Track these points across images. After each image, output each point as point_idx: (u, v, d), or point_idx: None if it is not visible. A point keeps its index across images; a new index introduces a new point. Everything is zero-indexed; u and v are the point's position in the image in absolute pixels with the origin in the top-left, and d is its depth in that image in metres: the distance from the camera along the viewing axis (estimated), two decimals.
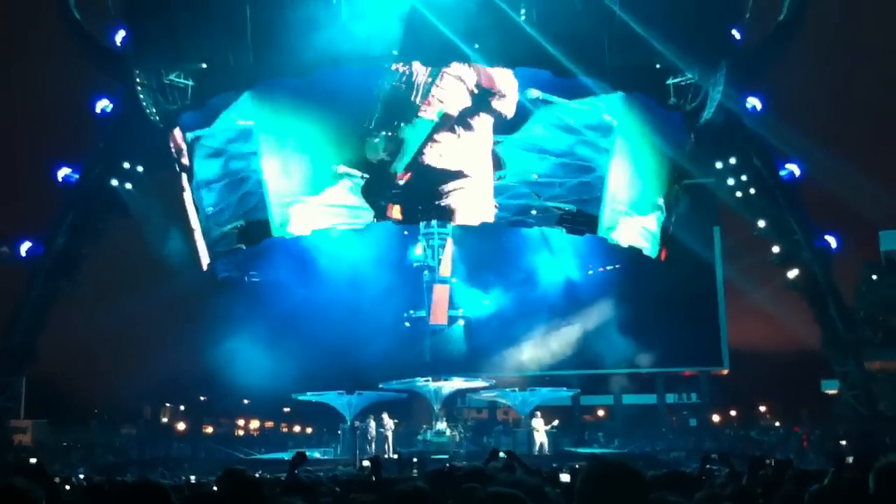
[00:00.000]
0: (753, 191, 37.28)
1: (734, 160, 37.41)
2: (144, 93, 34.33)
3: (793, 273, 37.21)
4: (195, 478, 24.71)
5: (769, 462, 11.48)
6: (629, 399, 51.73)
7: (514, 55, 32.36)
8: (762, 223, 37.35)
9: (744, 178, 37.40)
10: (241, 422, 59.47)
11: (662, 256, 36.82)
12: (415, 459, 19.68)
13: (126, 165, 36.97)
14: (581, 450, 40.29)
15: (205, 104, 34.10)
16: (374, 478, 10.02)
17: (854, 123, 64.86)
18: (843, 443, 34.54)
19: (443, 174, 33.79)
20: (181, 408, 58.46)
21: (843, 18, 58.48)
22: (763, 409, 56.45)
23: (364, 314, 42.05)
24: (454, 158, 33.78)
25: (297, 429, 55.63)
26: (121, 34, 36.00)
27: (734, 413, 53.91)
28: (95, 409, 54.79)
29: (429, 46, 31.92)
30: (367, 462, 11.70)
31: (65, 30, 37.53)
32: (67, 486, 13.53)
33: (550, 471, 12.86)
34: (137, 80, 34.24)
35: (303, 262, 41.92)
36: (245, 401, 54.46)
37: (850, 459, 13.84)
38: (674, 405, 52.19)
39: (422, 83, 33.30)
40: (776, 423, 48.67)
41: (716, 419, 51.59)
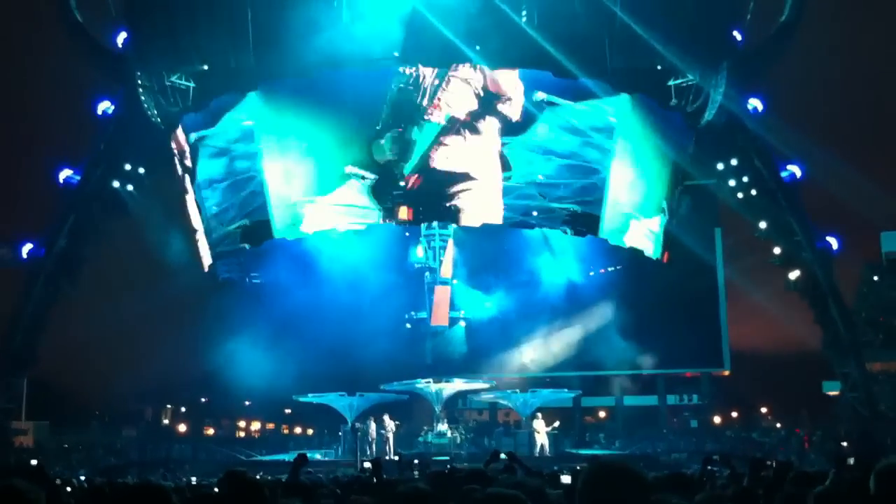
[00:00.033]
0: (754, 192, 37.30)
1: (735, 161, 37.43)
2: (146, 94, 34.33)
3: (794, 274, 37.22)
4: (196, 479, 24.73)
5: (770, 463, 11.46)
6: (630, 400, 51.69)
7: (516, 57, 32.38)
8: (763, 224, 37.36)
9: (745, 180, 37.43)
10: (242, 423, 59.49)
11: (665, 258, 36.84)
12: (415, 461, 19.65)
13: (127, 167, 37.02)
14: (582, 451, 40.30)
15: (206, 106, 34.14)
16: (375, 479, 10.02)
17: (855, 124, 64.80)
18: (844, 444, 34.51)
19: (450, 176, 33.91)
20: (182, 409, 58.45)
21: (844, 19, 58.43)
22: (764, 411, 56.42)
23: (365, 315, 42.08)
24: (461, 161, 33.88)
25: (298, 430, 55.63)
26: (122, 36, 36.01)
27: (735, 414, 53.85)
28: (96, 411, 54.89)
29: (430, 48, 31.95)
30: (368, 464, 11.71)
31: (66, 31, 37.50)
32: (68, 488, 13.53)
33: (551, 472, 12.84)
34: (139, 82, 34.24)
35: (304, 264, 41.93)
36: (246, 402, 54.49)
37: (851, 461, 13.84)
38: (675, 406, 52.12)
39: (429, 86, 33.36)
40: (777, 425, 48.60)
41: (717, 420, 51.57)
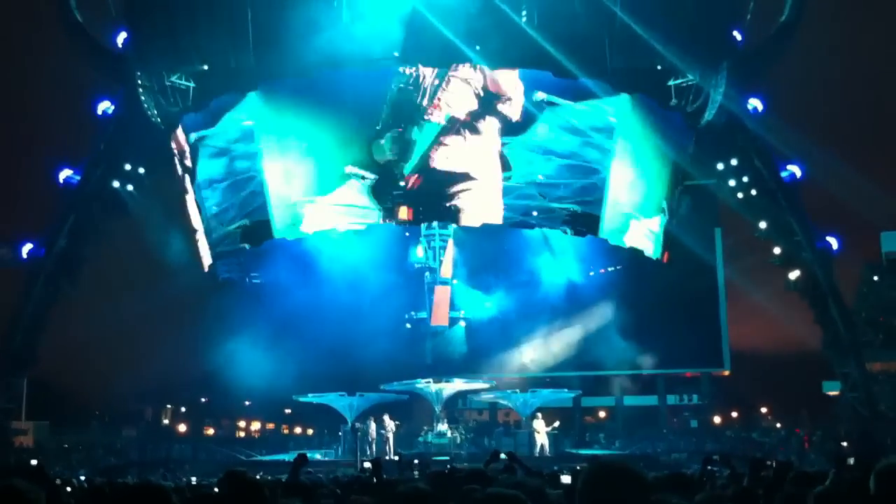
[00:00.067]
0: (754, 192, 37.30)
1: (735, 161, 37.43)
2: (146, 94, 34.33)
3: (794, 274, 37.22)
4: (196, 479, 24.73)
5: (770, 463, 11.46)
6: (630, 400, 51.68)
7: (515, 57, 32.37)
8: (763, 224, 37.36)
9: (745, 180, 37.43)
10: (242, 423, 59.49)
11: (665, 258, 36.85)
12: (415, 461, 19.65)
13: (127, 167, 37.02)
14: (582, 451, 40.30)
15: (206, 106, 34.14)
16: (375, 479, 10.02)
17: (855, 124, 64.80)
18: (844, 444, 34.51)
19: (450, 176, 33.91)
20: (182, 409, 58.44)
21: (844, 19, 58.43)
22: (764, 411, 56.40)
23: (365, 315, 42.07)
24: (461, 161, 33.88)
25: (298, 430, 55.62)
26: (122, 36, 36.01)
27: (735, 414, 53.83)
28: (96, 411, 54.86)
29: (430, 48, 31.94)
30: (368, 464, 11.71)
31: (66, 31, 37.49)
32: (68, 488, 13.52)
33: (551, 472, 12.84)
34: (139, 82, 34.24)
35: (304, 264, 41.92)
36: (246, 402, 54.49)
37: (851, 461, 13.84)
38: (675, 406, 52.11)
39: (429, 86, 33.36)
40: (777, 425, 48.58)
41: (717, 420, 51.56)
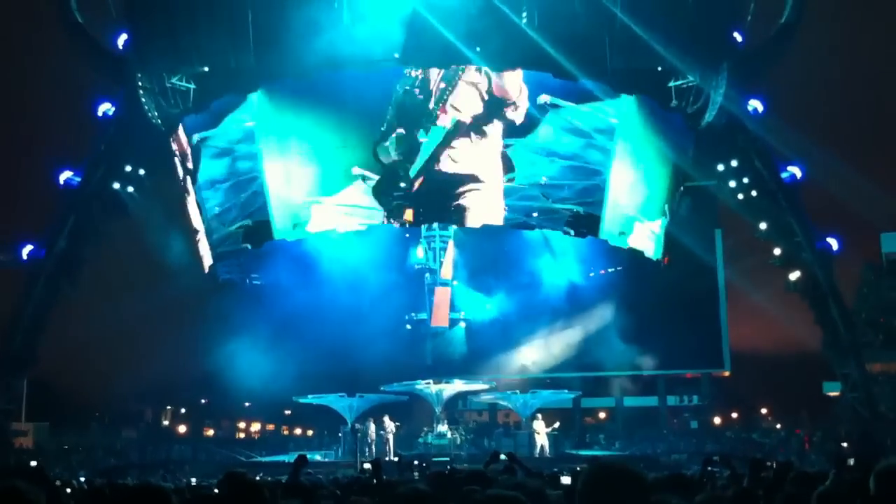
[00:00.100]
0: (755, 193, 37.29)
1: (735, 162, 37.41)
2: (146, 96, 34.33)
3: (794, 275, 37.21)
4: (196, 480, 24.72)
5: (770, 464, 11.46)
6: (630, 401, 51.66)
7: (516, 58, 32.36)
8: (763, 225, 37.36)
9: (745, 181, 37.41)
10: (242, 424, 59.45)
11: (665, 261, 36.89)
12: (415, 462, 19.66)
13: (128, 168, 37.01)
14: (582, 452, 40.28)
15: (206, 107, 34.17)
16: (375, 480, 10.01)
17: (855, 125, 64.78)
18: (845, 445, 34.50)
19: (456, 178, 33.95)
20: (182, 410, 58.43)
21: (844, 19, 58.42)
22: (764, 411, 56.34)
23: (365, 316, 42.06)
24: (467, 163, 33.93)
25: (298, 431, 55.60)
26: (122, 37, 36.00)
27: (735, 415, 53.79)
28: (96, 412, 54.75)
29: (430, 49, 31.93)
30: (368, 465, 11.71)
31: (66, 33, 37.50)
32: (68, 490, 13.53)
33: (551, 473, 12.84)
34: (139, 84, 34.25)
35: (304, 265, 41.92)
36: (246, 403, 54.46)
37: (852, 461, 13.84)
38: (675, 407, 52.09)
39: (436, 89, 33.37)
40: (777, 426, 48.52)
41: (717, 421, 51.52)
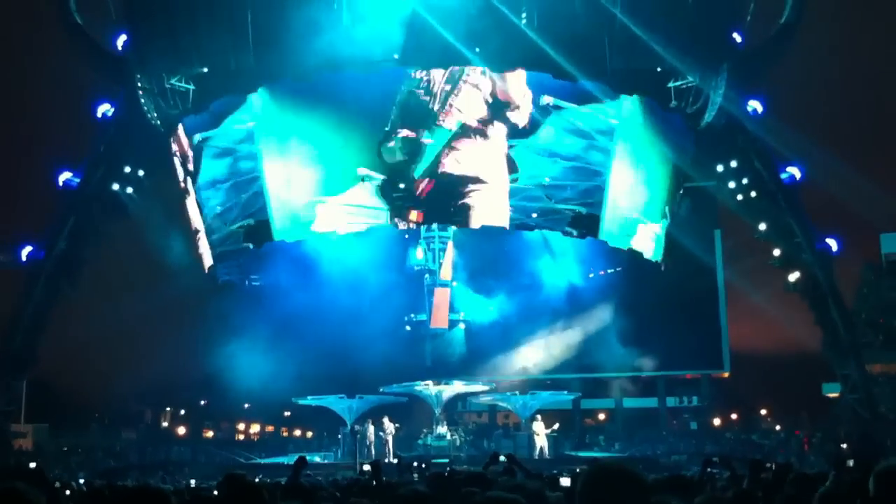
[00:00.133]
0: (754, 193, 37.32)
1: (735, 163, 37.45)
2: (145, 97, 34.37)
3: (794, 276, 37.23)
4: (195, 482, 24.73)
5: (770, 465, 11.45)
6: (630, 402, 51.64)
7: (515, 58, 32.40)
8: (763, 226, 37.37)
9: (745, 181, 37.45)
10: (242, 426, 59.38)
11: (663, 265, 36.97)
12: (415, 464, 19.62)
13: (127, 169, 37.04)
14: (582, 453, 40.22)
15: (205, 108, 34.22)
16: (375, 482, 10.00)
17: (855, 126, 64.78)
18: (844, 446, 34.49)
19: (461, 180, 34.00)
20: (181, 412, 58.39)
21: (843, 19, 58.44)
22: (764, 412, 56.32)
23: (364, 318, 42.05)
24: (472, 165, 34.01)
25: (298, 433, 55.54)
26: (122, 38, 36.06)
27: (735, 416, 53.76)
28: (96, 413, 54.73)
29: (430, 50, 31.96)
30: (368, 466, 11.71)
31: (66, 34, 37.52)
32: (68, 491, 13.51)
33: (551, 475, 12.84)
34: (139, 85, 34.28)
35: (303, 266, 41.91)
36: (245, 405, 54.43)
37: (851, 462, 13.83)
38: (675, 408, 52.08)
39: (439, 91, 33.38)
40: (777, 427, 48.51)
41: (717, 422, 51.50)
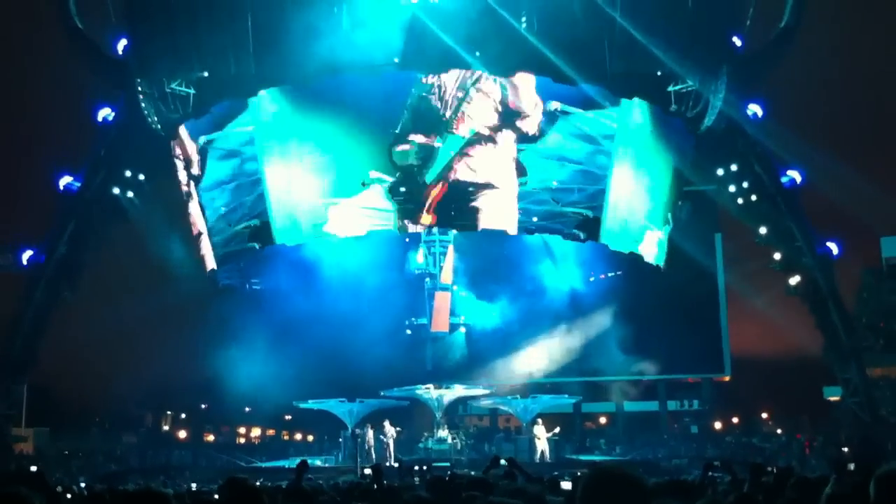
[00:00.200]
0: (755, 197, 37.34)
1: (735, 167, 37.46)
2: (146, 101, 34.41)
3: (794, 279, 37.22)
4: (196, 486, 24.72)
5: (771, 469, 11.44)
6: (631, 406, 51.61)
7: (515, 62, 32.43)
8: (763, 230, 37.38)
9: (745, 185, 37.46)
10: (242, 430, 59.34)
11: (662, 268, 37.04)
12: (416, 467, 19.63)
13: (127, 173, 37.06)
14: (582, 457, 40.22)
15: (205, 112, 34.32)
16: (376, 486, 10.00)
17: (855, 129, 64.79)
18: (845, 449, 34.47)
19: (473, 186, 34.13)
20: (182, 415, 58.37)
21: (843, 20, 58.47)
22: (765, 416, 56.25)
23: (365, 321, 42.05)
24: (484, 171, 34.16)
25: (299, 436, 55.46)
26: (122, 43, 36.12)
27: (736, 420, 53.71)
28: (96, 417, 54.74)
29: (430, 54, 32.01)
30: (369, 470, 11.70)
31: (66, 38, 37.57)
32: (69, 495, 13.51)
33: (552, 478, 12.82)
34: (139, 89, 34.32)
35: (304, 270, 41.94)
36: (246, 409, 54.38)
37: (852, 466, 13.82)
38: (675, 412, 52.04)
39: (451, 98, 33.42)
40: (778, 430, 48.47)
41: (717, 426, 51.45)
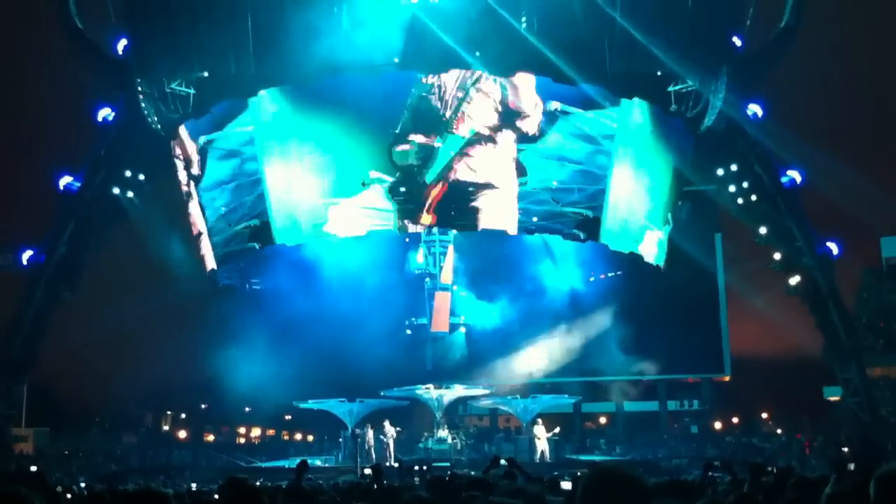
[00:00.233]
0: (755, 197, 37.34)
1: (735, 167, 37.46)
2: (146, 101, 34.41)
3: (794, 279, 37.22)
4: (196, 486, 24.73)
5: (771, 469, 11.44)
6: (631, 406, 51.62)
7: (515, 62, 32.43)
8: (763, 230, 37.38)
9: (745, 185, 37.46)
10: (242, 430, 59.34)
11: (662, 267, 37.03)
12: (416, 467, 19.64)
13: (127, 174, 37.06)
14: (582, 457, 40.22)
15: (205, 112, 34.30)
16: (376, 486, 10.00)
17: (855, 129, 64.80)
18: (845, 449, 34.47)
19: (473, 186, 34.13)
20: (182, 415, 58.37)
21: (843, 20, 58.48)
22: (765, 416, 56.25)
23: (365, 321, 42.05)
24: (484, 171, 34.15)
25: (298, 436, 55.46)
26: (122, 43, 36.12)
27: (736, 420, 53.71)
28: (96, 417, 54.75)
29: (430, 54, 32.00)
30: (369, 470, 11.70)
31: (66, 38, 37.57)
32: (69, 495, 13.51)
33: (552, 478, 12.82)
34: (139, 89, 34.32)
35: (304, 270, 41.94)
36: (246, 408, 54.39)
37: (852, 466, 13.82)
38: (675, 412, 52.04)
39: (451, 98, 33.42)
40: (778, 430, 48.47)
41: (717, 426, 51.44)
